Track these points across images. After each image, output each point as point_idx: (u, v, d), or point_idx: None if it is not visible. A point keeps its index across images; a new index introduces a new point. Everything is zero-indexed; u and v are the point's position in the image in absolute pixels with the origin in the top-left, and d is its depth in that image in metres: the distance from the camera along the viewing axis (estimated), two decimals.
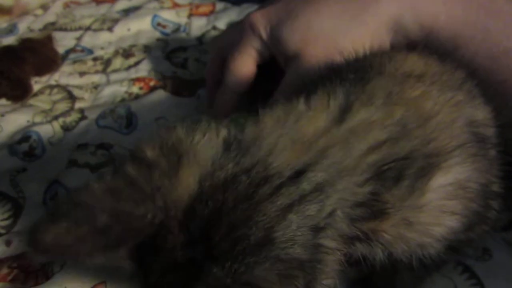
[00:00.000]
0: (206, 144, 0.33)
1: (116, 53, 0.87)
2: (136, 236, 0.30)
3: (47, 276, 0.51)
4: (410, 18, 0.54)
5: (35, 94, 0.78)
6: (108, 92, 0.78)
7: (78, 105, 0.76)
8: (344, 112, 0.36)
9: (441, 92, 0.40)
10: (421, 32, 0.54)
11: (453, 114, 0.39)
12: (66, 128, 0.71)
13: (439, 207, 0.37)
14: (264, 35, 0.59)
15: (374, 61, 0.44)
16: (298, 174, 0.32)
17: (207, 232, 0.30)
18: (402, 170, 0.35)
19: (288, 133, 0.34)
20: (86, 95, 0.78)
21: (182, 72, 0.83)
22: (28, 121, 0.72)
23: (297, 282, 0.30)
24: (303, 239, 0.30)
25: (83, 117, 0.72)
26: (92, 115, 0.73)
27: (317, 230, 0.31)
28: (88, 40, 0.90)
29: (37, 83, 0.80)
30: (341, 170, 0.33)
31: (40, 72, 0.81)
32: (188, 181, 0.31)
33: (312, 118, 0.35)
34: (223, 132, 0.34)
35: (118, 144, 0.68)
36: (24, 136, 0.69)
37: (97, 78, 0.81)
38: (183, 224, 0.30)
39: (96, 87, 0.80)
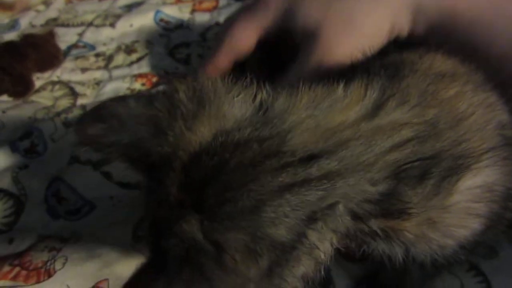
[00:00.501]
0: (237, 103, 0.34)
1: (118, 49, 0.86)
2: (148, 159, 0.33)
3: (49, 273, 0.50)
4: (431, 1, 0.53)
5: (37, 91, 0.77)
6: (110, 89, 0.77)
7: (80, 101, 0.75)
8: (378, 108, 0.35)
9: (474, 93, 0.40)
10: (440, 17, 0.53)
11: (487, 115, 0.39)
12: (68, 125, 0.70)
13: (465, 209, 0.36)
14: (278, 10, 0.58)
15: (406, 58, 0.44)
16: (310, 158, 0.31)
17: (203, 183, 0.30)
18: (428, 170, 0.34)
19: (317, 116, 0.34)
20: (88, 92, 0.77)
21: (185, 68, 0.82)
22: (30, 118, 0.72)
23: (260, 260, 0.29)
24: (291, 224, 0.30)
25: None
26: None
27: (309, 219, 0.30)
28: (90, 36, 0.89)
29: (39, 79, 0.79)
30: (357, 164, 0.32)
31: (42, 68, 0.80)
32: (203, 131, 0.32)
33: (346, 107, 0.35)
34: (260, 96, 0.35)
35: None
36: (26, 132, 0.68)
37: (99, 74, 0.81)
38: (186, 167, 0.31)
39: (98, 83, 0.79)
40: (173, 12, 0.95)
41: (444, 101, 0.37)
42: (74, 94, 0.77)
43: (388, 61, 0.44)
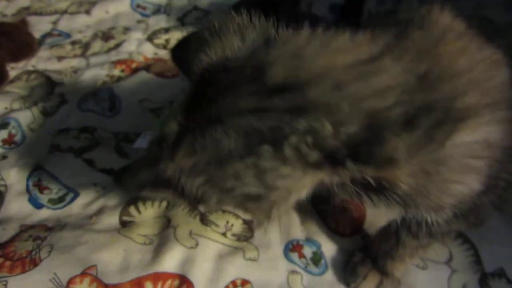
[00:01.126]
0: (248, 37, 0.38)
1: (95, 36, 0.84)
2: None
3: (35, 263, 0.49)
4: None
5: (12, 81, 0.75)
6: (88, 76, 0.75)
7: (58, 89, 0.73)
8: (372, 60, 0.36)
9: (479, 49, 0.39)
10: None
11: (490, 72, 0.38)
12: (46, 113, 0.68)
13: (461, 164, 0.36)
14: None
15: (417, 14, 0.42)
16: (283, 89, 0.34)
17: (199, 92, 0.37)
18: (416, 118, 0.34)
19: (303, 55, 0.35)
20: (66, 80, 0.75)
21: (165, 53, 0.80)
22: (6, 108, 0.69)
23: (200, 158, 0.35)
24: (249, 142, 0.34)
25: (64, 101, 0.70)
26: (73, 99, 0.70)
27: (270, 139, 0.34)
28: (65, 24, 0.87)
29: (13, 69, 0.77)
30: (328, 104, 0.33)
31: (16, 58, 0.78)
32: (212, 55, 0.38)
33: (338, 51, 0.36)
34: (271, 29, 0.38)
35: (102, 127, 0.66)
36: (3, 123, 0.66)
37: (76, 62, 0.78)
38: (198, 78, 0.39)
39: (75, 71, 0.77)
40: None
41: (444, 55, 0.37)
42: (51, 83, 0.74)
43: (399, 19, 0.43)
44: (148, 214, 0.56)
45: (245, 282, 0.49)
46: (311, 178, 0.35)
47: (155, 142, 0.39)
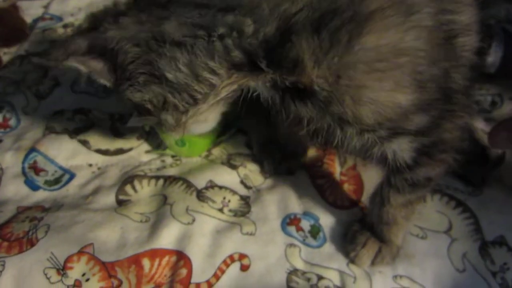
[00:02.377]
0: None
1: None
2: None
3: (32, 243, 0.49)
4: None
5: (5, 66, 0.74)
6: None
7: (51, 73, 0.72)
8: None
9: None
10: None
11: None
12: (40, 96, 0.68)
13: (372, 68, 0.35)
14: None
15: None
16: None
17: None
18: (322, 22, 0.35)
19: None
20: None
21: None
22: (0, 93, 0.69)
23: (144, 30, 0.37)
24: (188, 32, 0.36)
25: (57, 84, 0.69)
26: (66, 82, 0.69)
27: (204, 34, 0.36)
28: (56, 7, 0.85)
29: (6, 55, 0.76)
30: (251, 7, 0.35)
31: (8, 42, 0.77)
32: None
33: None
34: None
35: (97, 108, 0.65)
36: None
37: None
38: None
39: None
40: None
41: None
42: (44, 66, 0.73)
43: None
44: (144, 192, 0.56)
45: (242, 256, 0.48)
46: (235, 80, 0.37)
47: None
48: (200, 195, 0.54)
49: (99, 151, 0.60)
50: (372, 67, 0.35)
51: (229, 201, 0.54)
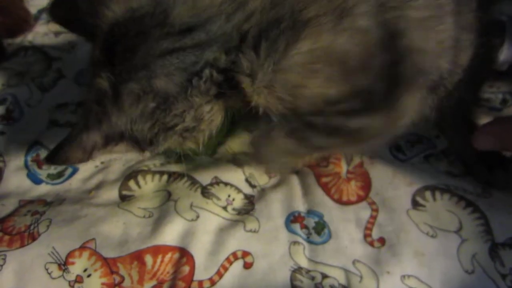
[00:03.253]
0: None
1: None
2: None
3: (33, 237, 0.48)
4: None
5: (9, 57, 0.73)
6: (87, 50, 0.73)
7: (55, 65, 0.72)
8: None
9: None
10: None
11: None
12: (43, 89, 0.67)
13: (307, 69, 0.39)
14: None
15: None
16: (187, 30, 0.40)
17: (114, 47, 0.41)
18: (266, 32, 0.39)
19: None
20: (63, 55, 0.73)
21: None
22: (3, 85, 0.68)
23: (145, 103, 0.41)
24: (175, 80, 0.40)
25: (61, 76, 0.69)
26: (70, 74, 0.69)
27: (188, 78, 0.40)
28: None
29: (10, 46, 0.75)
30: (218, 36, 0.40)
31: (13, 33, 0.76)
32: (116, 9, 0.42)
33: None
34: None
35: None
36: (0, 99, 0.65)
37: (74, 37, 0.76)
38: (105, 35, 0.42)
39: (73, 46, 0.75)
40: None
41: None
42: (48, 58, 0.73)
43: None
44: (148, 188, 0.55)
45: (246, 253, 0.47)
46: (219, 108, 0.43)
47: (89, 105, 0.42)
48: (205, 191, 0.53)
49: None
50: (307, 68, 0.39)
51: (233, 199, 0.53)
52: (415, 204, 0.52)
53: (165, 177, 0.55)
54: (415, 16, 0.41)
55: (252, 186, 0.55)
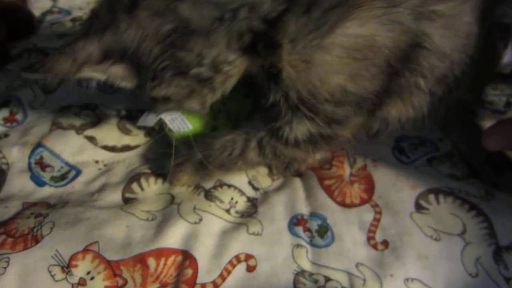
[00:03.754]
0: None
1: None
2: None
3: (37, 239, 0.48)
4: None
5: (13, 59, 0.74)
6: None
7: None
8: None
9: None
10: None
11: None
12: (47, 91, 0.67)
13: (346, 54, 0.37)
14: None
15: None
16: None
17: None
18: (316, 2, 0.35)
19: None
20: None
21: None
22: (7, 87, 0.69)
23: (164, 21, 0.35)
24: (205, 13, 0.35)
25: (65, 79, 0.69)
26: None
27: (223, 11, 0.35)
28: (64, 1, 0.85)
29: (14, 48, 0.76)
30: None
31: (16, 36, 0.76)
32: None
33: None
34: None
35: (104, 104, 0.65)
36: (4, 101, 0.66)
37: None
38: None
39: None
40: None
41: None
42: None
43: None
44: (151, 190, 0.55)
45: (249, 256, 0.47)
46: (242, 64, 0.38)
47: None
48: (208, 194, 0.53)
49: (105, 148, 0.60)
50: (347, 53, 0.37)
51: (236, 202, 0.53)
52: (419, 207, 0.51)
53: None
54: (436, 41, 0.41)
55: (255, 188, 0.55)
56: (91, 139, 0.60)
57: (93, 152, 0.59)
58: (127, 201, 0.54)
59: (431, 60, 0.43)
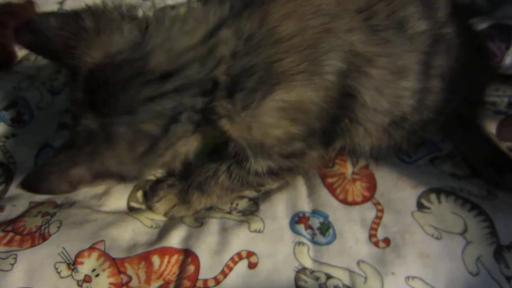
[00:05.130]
0: (126, 30, 0.42)
1: None
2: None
3: (44, 237, 0.49)
4: None
5: (20, 61, 0.75)
6: None
7: (65, 69, 0.73)
8: (217, 28, 0.42)
9: (314, 15, 0.43)
10: None
11: (320, 40, 0.42)
12: (54, 92, 0.68)
13: (279, 114, 0.43)
14: None
15: None
16: (166, 76, 0.41)
17: (95, 91, 0.41)
18: (239, 82, 0.41)
19: (171, 39, 0.42)
20: None
21: None
22: (14, 88, 0.70)
23: (137, 147, 0.42)
24: (158, 123, 0.41)
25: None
26: None
27: (170, 122, 0.42)
28: (71, 3, 0.86)
29: (21, 50, 0.76)
30: (195, 80, 0.41)
31: None
32: (96, 55, 0.42)
33: (192, 30, 0.42)
34: (145, 23, 0.43)
35: None
36: (11, 102, 0.67)
37: None
38: (86, 78, 0.42)
39: None
40: None
41: (272, 16, 0.42)
42: None
43: None
44: None
45: (250, 253, 0.48)
46: (196, 139, 0.45)
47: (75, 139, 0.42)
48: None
49: None
50: (280, 113, 0.43)
51: (237, 204, 0.54)
52: (420, 206, 0.52)
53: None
54: (375, 76, 0.45)
55: (257, 190, 0.55)
56: None
57: None
58: (132, 209, 0.55)
59: (366, 112, 0.48)
